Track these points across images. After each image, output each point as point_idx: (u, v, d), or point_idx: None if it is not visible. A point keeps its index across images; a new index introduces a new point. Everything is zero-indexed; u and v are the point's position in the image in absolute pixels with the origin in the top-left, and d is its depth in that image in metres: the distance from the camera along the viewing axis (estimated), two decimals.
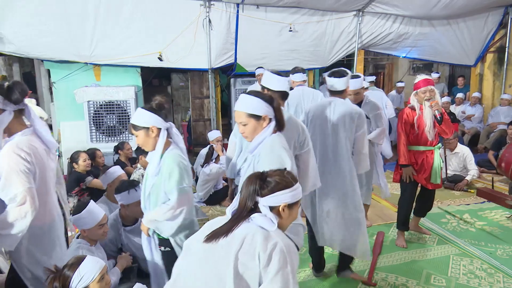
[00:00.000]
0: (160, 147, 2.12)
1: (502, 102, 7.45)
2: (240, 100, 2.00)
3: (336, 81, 2.77)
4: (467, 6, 6.55)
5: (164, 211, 2.07)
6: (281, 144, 1.98)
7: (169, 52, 5.91)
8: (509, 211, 4.22)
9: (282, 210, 1.40)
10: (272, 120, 1.99)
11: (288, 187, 1.41)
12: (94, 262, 1.90)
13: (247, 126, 1.97)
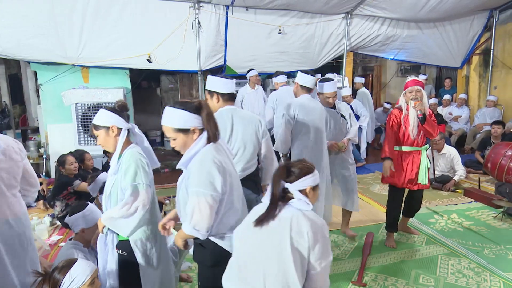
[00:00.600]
0: (119, 147, 2.11)
1: (487, 104, 7.58)
2: (165, 113, 1.88)
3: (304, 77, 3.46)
4: (453, 9, 6.66)
5: (118, 208, 2.04)
6: (212, 158, 1.82)
7: (158, 54, 5.89)
8: (495, 211, 4.29)
9: (309, 192, 1.68)
10: (203, 131, 1.87)
11: (310, 173, 1.67)
12: (85, 265, 1.88)
13: (177, 141, 1.87)
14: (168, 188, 5.48)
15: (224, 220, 1.89)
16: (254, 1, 5.93)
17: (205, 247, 1.92)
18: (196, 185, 1.79)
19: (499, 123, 6.12)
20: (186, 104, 1.88)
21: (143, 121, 7.96)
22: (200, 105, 1.88)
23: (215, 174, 1.80)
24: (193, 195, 1.79)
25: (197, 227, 1.79)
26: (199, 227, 1.79)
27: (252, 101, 6.05)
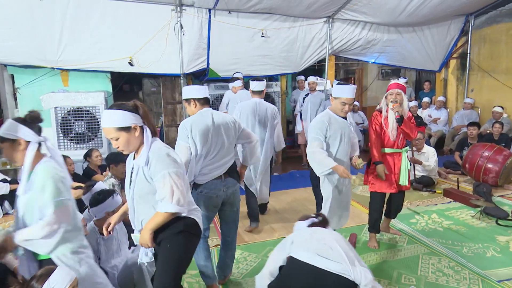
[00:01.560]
0: (28, 162, 1.94)
1: (465, 106, 7.79)
2: (104, 116, 1.97)
3: (256, 84, 4.02)
4: (431, 14, 6.83)
5: (39, 228, 1.89)
6: (164, 146, 2.04)
7: (140, 57, 5.82)
8: (473, 210, 4.40)
9: None
10: (143, 128, 2.00)
11: None
12: (65, 273, 1.84)
13: (120, 140, 1.95)
14: None
15: (188, 197, 2.06)
16: (236, 4, 5.94)
17: (175, 224, 2.03)
18: (164, 168, 1.93)
19: (474, 125, 6.30)
20: (123, 104, 1.99)
21: None
22: (136, 105, 2.01)
23: (174, 155, 2.01)
24: (165, 176, 1.91)
25: (180, 202, 1.92)
26: (182, 202, 1.93)
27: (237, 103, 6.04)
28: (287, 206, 4.75)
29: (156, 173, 1.92)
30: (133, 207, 2.08)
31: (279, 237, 3.78)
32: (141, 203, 2.04)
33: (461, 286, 2.90)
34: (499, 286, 2.87)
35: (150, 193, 1.98)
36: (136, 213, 2.09)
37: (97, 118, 5.56)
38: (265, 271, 2.11)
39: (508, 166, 5.08)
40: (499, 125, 6.18)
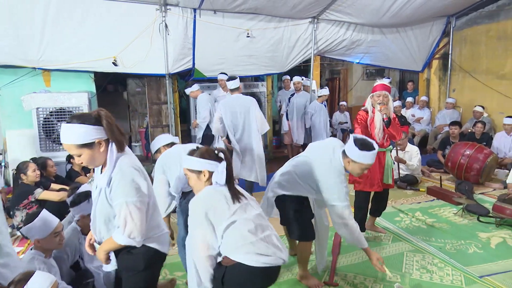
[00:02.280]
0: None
1: (447, 106, 7.95)
2: (63, 131, 1.77)
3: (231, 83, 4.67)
4: (413, 15, 6.95)
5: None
6: (131, 165, 1.82)
7: (124, 57, 5.75)
8: (456, 208, 4.49)
9: None
10: (109, 141, 1.81)
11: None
12: (44, 277, 1.80)
13: (82, 157, 1.79)
14: None
15: (152, 222, 1.93)
16: (222, 4, 5.92)
17: (133, 253, 1.89)
18: (123, 196, 1.76)
19: (456, 124, 6.43)
20: (84, 117, 1.80)
21: None
22: (99, 115, 1.80)
23: (139, 180, 1.81)
24: (122, 205, 1.76)
25: (132, 235, 1.78)
26: (134, 235, 1.78)
27: None
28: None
29: (115, 199, 1.78)
30: (94, 218, 1.95)
31: None
32: (102, 222, 1.90)
33: (444, 282, 2.95)
34: (480, 282, 2.94)
35: (111, 216, 1.85)
36: (97, 227, 1.94)
37: None
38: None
39: (488, 164, 5.20)
40: (481, 124, 6.32)
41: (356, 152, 2.57)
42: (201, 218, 1.93)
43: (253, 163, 4.66)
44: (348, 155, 2.62)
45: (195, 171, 2.04)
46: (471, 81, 7.73)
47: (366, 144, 2.60)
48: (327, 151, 2.74)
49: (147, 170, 2.14)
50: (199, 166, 2.02)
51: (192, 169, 2.04)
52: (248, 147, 4.65)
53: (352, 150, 2.59)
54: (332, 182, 2.64)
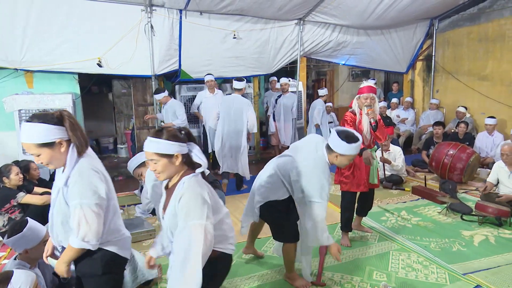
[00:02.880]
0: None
1: (431, 106, 8.09)
2: (23, 130, 1.73)
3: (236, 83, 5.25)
4: (397, 17, 7.05)
5: None
6: (91, 167, 1.79)
7: (109, 58, 5.68)
8: (440, 207, 4.57)
9: None
10: (71, 142, 1.78)
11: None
12: (25, 274, 1.80)
13: (42, 156, 1.74)
14: (121, 197, 5.29)
15: (112, 226, 1.89)
16: (208, 5, 5.91)
17: (92, 258, 1.85)
18: (78, 197, 1.72)
19: (439, 124, 6.55)
20: (46, 116, 1.76)
21: (94, 127, 7.64)
22: (62, 116, 1.77)
23: (97, 183, 1.77)
24: (76, 207, 1.72)
25: (86, 238, 1.73)
26: (88, 238, 1.73)
27: (210, 105, 6.04)
28: None
29: (71, 199, 1.74)
30: (52, 220, 1.88)
31: None
32: (59, 223, 1.84)
33: (429, 280, 3.00)
34: (464, 279, 2.99)
35: (68, 216, 1.78)
36: (54, 230, 1.88)
37: None
38: None
39: (471, 163, 5.31)
40: (464, 125, 6.45)
41: (344, 146, 2.58)
42: (201, 209, 1.75)
43: (238, 158, 5.22)
44: (334, 150, 2.62)
45: (166, 155, 1.79)
46: (453, 82, 7.89)
47: (351, 137, 2.62)
48: (310, 148, 2.74)
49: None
50: (171, 150, 1.78)
51: (163, 153, 1.78)
52: (236, 142, 5.17)
53: (338, 144, 2.59)
54: (316, 180, 2.64)
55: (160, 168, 1.80)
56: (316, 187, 2.63)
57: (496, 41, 6.99)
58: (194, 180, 1.79)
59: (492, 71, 7.13)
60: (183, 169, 1.85)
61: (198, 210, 1.71)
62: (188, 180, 1.79)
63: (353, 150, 2.60)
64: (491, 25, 7.08)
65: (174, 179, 1.86)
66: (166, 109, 5.75)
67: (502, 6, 6.85)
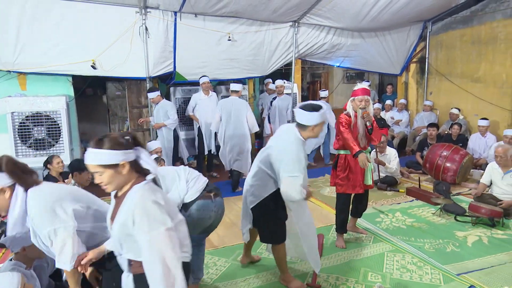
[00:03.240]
0: None
1: (425, 108, 8.14)
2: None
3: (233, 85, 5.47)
4: (391, 20, 7.10)
5: None
6: (42, 196, 1.90)
7: (103, 60, 5.66)
8: (434, 208, 4.60)
9: None
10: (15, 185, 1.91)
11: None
12: (9, 276, 1.79)
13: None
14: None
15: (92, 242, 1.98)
16: (202, 8, 5.91)
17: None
18: (44, 226, 1.82)
19: (433, 126, 6.60)
20: None
21: (88, 130, 7.59)
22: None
23: (55, 207, 1.86)
24: (46, 236, 1.84)
25: (63, 261, 1.85)
26: (65, 260, 1.85)
27: (205, 107, 6.03)
28: None
29: (39, 232, 1.86)
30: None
31: None
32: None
33: (424, 281, 3.01)
34: (458, 279, 3.01)
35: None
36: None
37: (58, 123, 5.34)
38: None
39: (464, 164, 5.35)
40: (457, 126, 6.50)
41: (315, 116, 2.70)
42: (160, 215, 1.64)
43: (244, 157, 5.49)
44: (307, 124, 2.72)
45: (110, 166, 1.66)
46: (447, 84, 7.95)
47: (316, 106, 2.75)
48: (282, 133, 2.88)
49: None
50: (115, 159, 1.66)
51: (107, 164, 1.66)
52: (240, 146, 5.44)
53: (309, 116, 2.70)
54: (292, 156, 2.68)
55: (106, 180, 1.68)
56: (294, 160, 2.68)
57: (489, 44, 7.06)
58: (147, 188, 1.69)
59: (484, 73, 7.20)
60: (133, 177, 1.73)
61: (158, 217, 1.62)
62: (140, 188, 1.68)
63: (322, 116, 2.74)
64: (483, 28, 7.15)
65: (124, 188, 1.75)
66: (158, 109, 5.75)
67: (494, 9, 6.93)
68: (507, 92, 6.81)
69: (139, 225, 1.60)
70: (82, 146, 6.30)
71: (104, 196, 2.33)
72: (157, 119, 5.77)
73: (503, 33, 6.80)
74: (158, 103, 5.74)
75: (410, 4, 6.51)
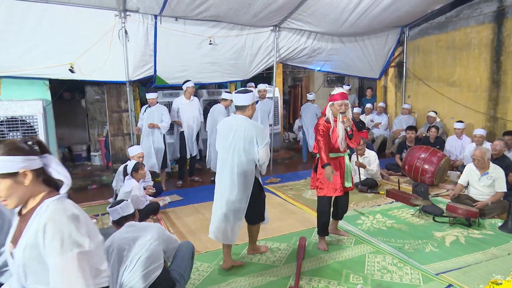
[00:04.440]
0: None
1: (403, 111, 8.32)
2: None
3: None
4: (370, 25, 7.24)
5: None
6: None
7: (81, 64, 5.56)
8: (413, 209, 4.69)
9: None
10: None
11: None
12: None
13: None
14: (95, 206, 5.16)
15: None
16: (183, 11, 5.88)
17: None
18: None
19: (412, 129, 6.75)
20: None
21: (67, 135, 7.43)
22: None
23: None
24: None
25: None
26: None
27: (187, 111, 6.00)
28: None
29: None
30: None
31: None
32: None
33: (404, 281, 3.06)
34: (436, 279, 3.08)
35: None
36: None
37: (34, 128, 5.21)
38: None
39: (442, 166, 5.48)
40: (435, 129, 6.67)
41: (250, 96, 3.21)
42: (77, 234, 1.41)
43: None
44: (246, 104, 3.20)
45: (8, 175, 1.41)
46: (424, 88, 8.16)
47: (247, 89, 3.31)
48: (234, 126, 3.20)
49: (107, 180, 2.06)
50: (13, 166, 1.40)
51: (1, 172, 1.40)
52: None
53: (245, 98, 3.19)
54: (256, 130, 3.16)
55: (4, 193, 1.42)
56: (259, 131, 3.17)
57: (463, 49, 7.29)
58: (60, 202, 1.45)
59: (459, 78, 7.42)
60: (42, 190, 1.49)
61: (74, 236, 1.39)
62: (52, 203, 1.44)
63: (254, 97, 3.26)
64: (457, 34, 7.38)
65: (30, 203, 1.48)
66: (152, 111, 5.70)
67: (467, 15, 7.16)
68: (481, 95, 7.04)
69: (51, 244, 1.36)
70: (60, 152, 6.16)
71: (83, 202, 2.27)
72: (150, 121, 5.70)
73: (477, 39, 7.03)
74: (153, 105, 5.70)
75: (388, 9, 6.66)
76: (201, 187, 6.03)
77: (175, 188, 6.01)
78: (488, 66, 6.87)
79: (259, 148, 3.12)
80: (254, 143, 3.12)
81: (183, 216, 4.71)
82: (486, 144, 5.74)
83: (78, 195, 5.65)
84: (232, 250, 3.42)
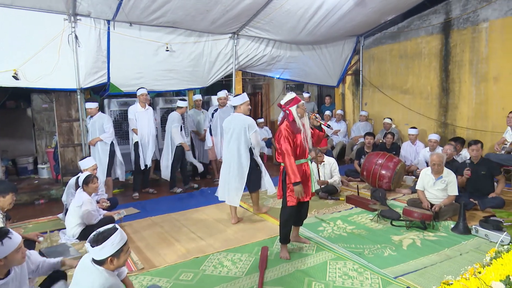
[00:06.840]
0: None
1: (361, 118, 8.54)
2: None
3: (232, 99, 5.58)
4: (327, 34, 7.40)
5: None
6: None
7: (27, 70, 5.21)
8: (372, 214, 4.75)
9: None
10: None
11: None
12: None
13: None
14: (43, 222, 4.80)
15: None
16: (138, 17, 5.69)
17: None
18: None
19: (370, 135, 6.92)
20: None
21: (11, 147, 6.92)
22: None
23: None
24: None
25: None
26: None
27: (142, 120, 5.79)
28: (199, 225, 4.59)
29: None
30: None
31: (191, 258, 3.61)
32: None
33: (364, 286, 3.05)
34: (395, 282, 3.10)
35: None
36: None
37: None
38: None
39: (398, 171, 5.63)
40: (391, 135, 6.87)
41: (240, 98, 4.47)
42: None
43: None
44: (239, 102, 4.44)
45: None
46: (379, 95, 8.43)
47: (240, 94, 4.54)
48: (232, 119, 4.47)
49: (57, 194, 1.93)
50: None
51: None
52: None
53: (237, 99, 4.46)
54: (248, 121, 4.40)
55: None
56: (251, 123, 4.40)
57: (414, 58, 7.62)
58: None
59: (412, 85, 7.74)
60: None
61: None
62: None
63: (245, 98, 4.49)
64: (409, 43, 7.71)
65: None
66: (94, 121, 5.41)
67: (418, 26, 7.51)
68: (432, 102, 7.37)
69: None
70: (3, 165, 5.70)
71: (29, 219, 2.08)
72: (93, 133, 5.42)
73: (427, 48, 7.37)
74: (94, 115, 5.40)
75: (343, 19, 6.83)
76: (158, 199, 5.80)
77: (132, 200, 5.73)
78: (438, 74, 7.21)
79: (250, 134, 4.37)
80: (246, 130, 4.37)
81: (140, 229, 4.48)
82: (438, 149, 5.99)
83: (24, 211, 5.24)
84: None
